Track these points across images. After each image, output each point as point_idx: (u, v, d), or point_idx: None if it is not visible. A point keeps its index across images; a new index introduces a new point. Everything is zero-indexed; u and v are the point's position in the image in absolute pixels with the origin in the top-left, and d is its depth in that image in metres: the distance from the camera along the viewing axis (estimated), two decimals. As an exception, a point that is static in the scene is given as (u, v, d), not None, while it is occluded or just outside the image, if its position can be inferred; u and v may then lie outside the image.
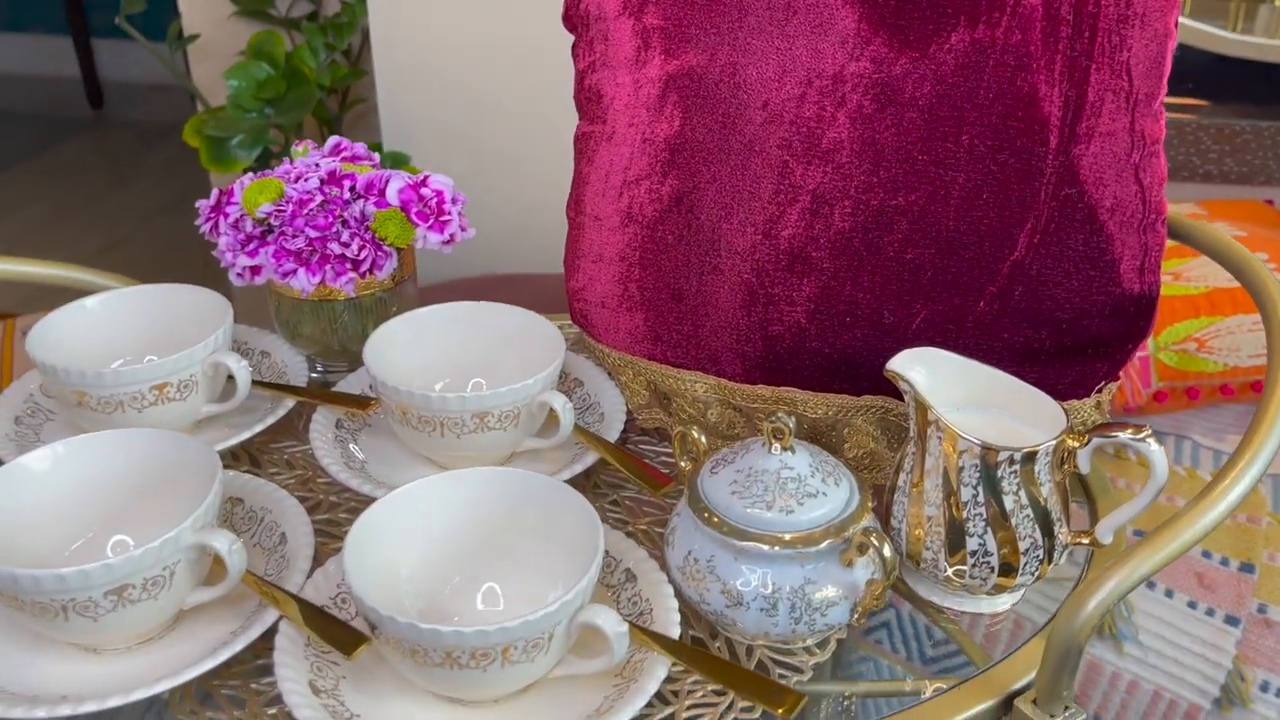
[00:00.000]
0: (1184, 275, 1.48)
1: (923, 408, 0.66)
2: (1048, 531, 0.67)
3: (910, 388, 0.67)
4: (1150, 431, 0.65)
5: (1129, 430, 0.65)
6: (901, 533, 0.70)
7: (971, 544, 0.67)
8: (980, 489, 0.66)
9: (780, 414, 0.66)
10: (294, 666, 0.63)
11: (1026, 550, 0.67)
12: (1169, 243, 1.51)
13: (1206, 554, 1.31)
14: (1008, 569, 0.68)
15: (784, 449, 0.67)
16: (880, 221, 0.70)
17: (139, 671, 0.64)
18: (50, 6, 3.74)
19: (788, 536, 0.64)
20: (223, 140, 1.63)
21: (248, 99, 1.67)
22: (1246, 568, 1.29)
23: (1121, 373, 0.80)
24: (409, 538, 0.66)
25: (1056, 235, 0.69)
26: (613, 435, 0.81)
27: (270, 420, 0.83)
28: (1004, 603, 0.72)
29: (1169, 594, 1.28)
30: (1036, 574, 0.69)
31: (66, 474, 0.70)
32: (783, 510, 0.65)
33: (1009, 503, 0.66)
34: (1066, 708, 0.64)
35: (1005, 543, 0.67)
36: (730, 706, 0.64)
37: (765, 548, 0.64)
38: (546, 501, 0.67)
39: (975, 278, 0.70)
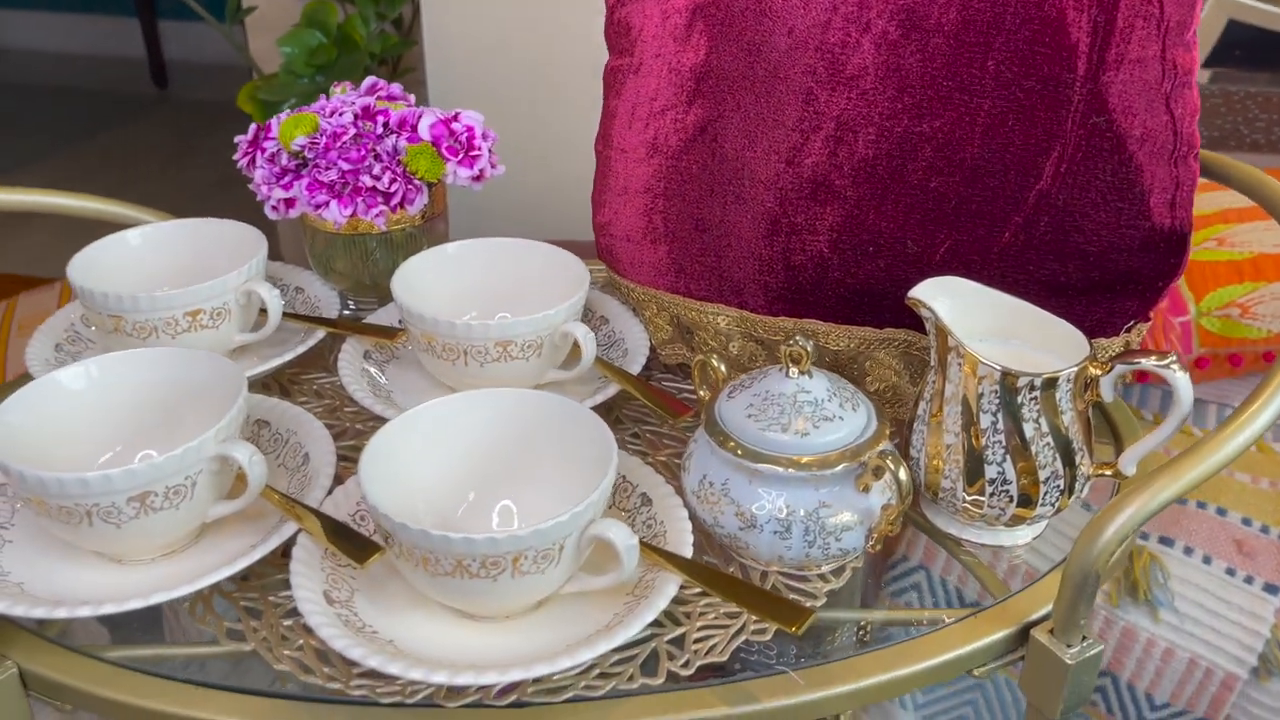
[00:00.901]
0: (1228, 240, 1.44)
1: (943, 333, 0.65)
2: (1068, 461, 0.66)
3: (931, 314, 0.65)
4: (1176, 357, 0.63)
5: (1153, 357, 0.63)
6: (920, 463, 0.68)
7: (990, 472, 0.65)
8: (1000, 416, 0.64)
9: (798, 337, 0.65)
10: (309, 577, 0.63)
11: (1046, 480, 0.65)
12: (1208, 205, 1.47)
13: (1246, 521, 1.28)
14: (1026, 500, 0.66)
15: (801, 373, 0.65)
16: (904, 148, 0.68)
17: (160, 580, 0.65)
18: (121, -13, 3.82)
19: (803, 459, 0.63)
20: (275, 105, 1.64)
21: (300, 65, 1.68)
22: (1287, 536, 1.25)
23: (1152, 312, 0.77)
24: (425, 455, 0.66)
25: (1084, 165, 0.67)
26: (635, 370, 0.80)
27: (301, 349, 0.83)
28: (1023, 536, 0.70)
29: (1207, 560, 1.25)
30: (1056, 506, 0.67)
31: (98, 391, 0.71)
32: (798, 433, 0.64)
33: (1029, 430, 0.64)
34: (1084, 638, 0.62)
35: (1025, 472, 0.65)
36: (741, 629, 0.63)
37: (780, 470, 0.63)
38: (562, 422, 0.66)
39: (1000, 207, 0.69)
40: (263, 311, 0.83)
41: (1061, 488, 0.66)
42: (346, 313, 0.91)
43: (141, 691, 0.60)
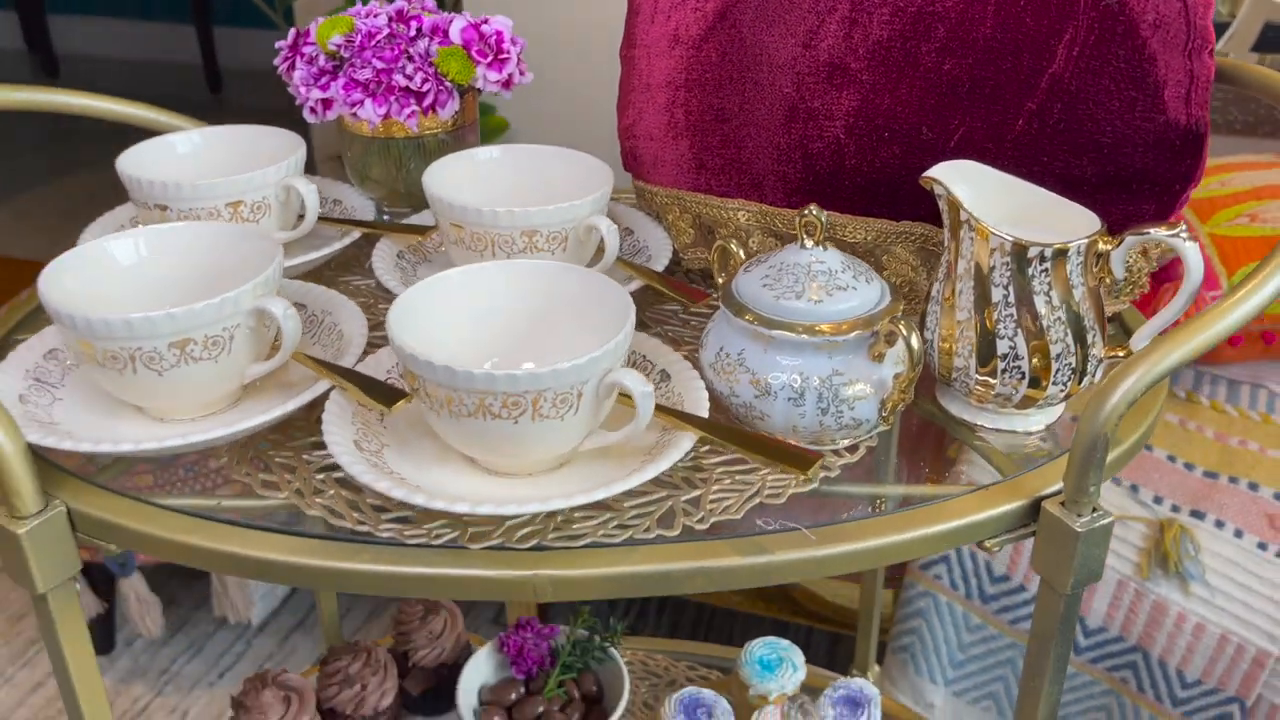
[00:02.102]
0: (1260, 217, 1.47)
1: (955, 208, 0.69)
2: (1080, 339, 0.69)
3: (945, 190, 0.69)
4: (1184, 227, 0.66)
5: (1163, 228, 0.67)
6: (934, 344, 0.72)
7: (1002, 347, 0.69)
8: (1011, 289, 0.68)
9: (813, 207, 0.69)
10: (340, 427, 0.68)
11: (1058, 356, 0.69)
12: (1241, 183, 1.51)
13: (1278, 496, 1.30)
14: (1037, 380, 0.70)
15: (816, 244, 0.70)
16: (918, 29, 0.73)
17: (199, 434, 0.69)
18: (177, -7, 4.01)
19: (817, 326, 0.67)
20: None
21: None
22: (1322, 509, 1.28)
23: (1171, 219, 0.81)
24: (450, 319, 0.70)
25: (1096, 49, 0.71)
26: (658, 269, 0.85)
27: (338, 245, 0.88)
28: (1036, 422, 0.73)
29: (1238, 534, 1.28)
30: (1067, 387, 0.70)
31: (145, 261, 0.76)
32: (812, 301, 0.68)
33: (1040, 304, 0.68)
34: (1093, 509, 0.65)
35: (1037, 351, 0.69)
36: (756, 493, 0.67)
37: (794, 336, 0.67)
38: (581, 289, 0.71)
39: (1013, 91, 0.73)
40: (300, 218, 0.88)
41: (1073, 367, 0.70)
42: (381, 220, 0.97)
43: (184, 529, 0.65)
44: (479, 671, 1.11)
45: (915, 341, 0.66)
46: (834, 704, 1.08)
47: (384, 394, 0.68)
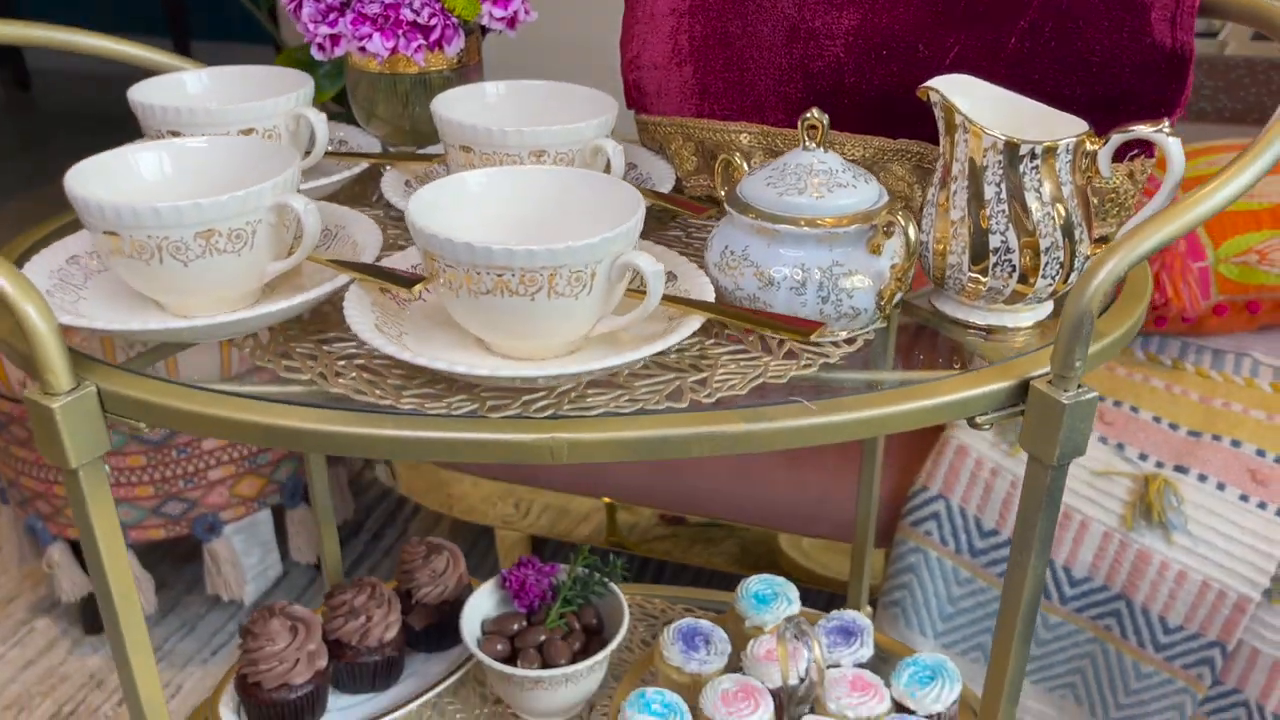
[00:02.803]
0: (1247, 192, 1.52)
1: (950, 112, 0.73)
2: (1068, 235, 0.73)
3: (941, 97, 0.73)
4: (1167, 124, 0.71)
5: (1147, 124, 0.71)
6: (929, 247, 0.76)
7: (994, 242, 0.73)
8: (1003, 186, 0.72)
9: (814, 110, 0.73)
10: (361, 312, 0.71)
11: (1047, 250, 0.73)
12: (1226, 164, 1.56)
13: (1260, 452, 1.35)
14: (1027, 276, 0.74)
15: (817, 145, 0.74)
16: (915, -53, 0.77)
17: (224, 318, 0.73)
18: (152, 9, 4.02)
19: (818, 219, 0.72)
20: (310, 66, 1.75)
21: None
22: (1302, 464, 1.32)
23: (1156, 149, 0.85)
24: (464, 220, 0.73)
25: (1086, -32, 0.76)
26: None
27: (347, 173, 0.92)
28: (1026, 319, 0.77)
29: (1220, 487, 1.32)
30: (1055, 282, 0.75)
31: (168, 173, 0.79)
32: (814, 197, 0.72)
33: (1030, 200, 0.72)
34: (1079, 386, 0.69)
35: (1027, 247, 0.73)
36: (759, 375, 0.71)
37: (796, 229, 0.72)
38: (592, 192, 0.74)
39: (1006, 9, 0.77)
40: (308, 154, 0.92)
41: (1061, 262, 0.74)
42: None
43: (213, 403, 0.68)
44: (481, 606, 1.14)
45: (913, 231, 0.70)
46: (827, 634, 1.12)
47: (403, 281, 0.72)
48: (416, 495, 1.73)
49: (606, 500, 1.60)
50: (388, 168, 0.93)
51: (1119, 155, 0.84)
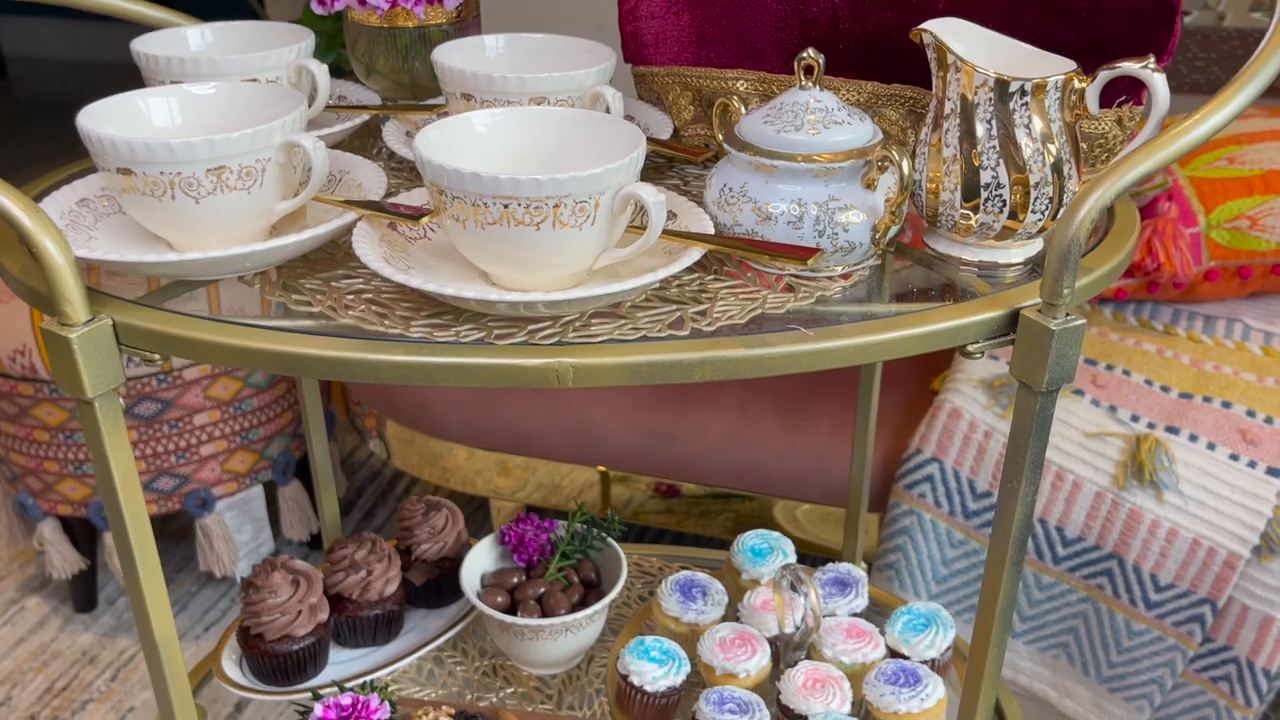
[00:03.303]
0: (1239, 159, 1.57)
1: (943, 52, 0.76)
2: (1057, 171, 0.77)
3: (933, 37, 0.77)
4: (1152, 59, 0.74)
5: (1133, 60, 0.75)
6: (921, 187, 0.80)
7: (985, 177, 0.77)
8: (994, 123, 0.76)
9: (810, 50, 0.77)
10: (369, 246, 0.74)
11: (1037, 185, 0.77)
12: (1224, 135, 1.59)
13: (1250, 413, 1.39)
14: (1016, 212, 0.77)
15: (814, 84, 0.77)
16: (909, -109, 0.81)
17: (235, 250, 0.75)
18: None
19: (815, 155, 0.75)
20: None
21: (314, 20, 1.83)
22: (1291, 424, 1.36)
23: (1144, 95, 0.89)
24: (468, 160, 0.77)
25: (1072, -91, 0.79)
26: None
27: (350, 124, 0.95)
28: (1017, 255, 0.81)
29: (1211, 447, 1.36)
30: (1044, 217, 0.78)
31: (177, 118, 0.82)
32: (811, 134, 0.76)
33: (1020, 135, 0.76)
34: (1067, 314, 0.73)
35: (1018, 183, 0.77)
36: (758, 306, 0.75)
37: (794, 164, 0.75)
38: (593, 131, 0.77)
39: (997, -46, 0.81)
40: (310, 105, 0.95)
41: (1050, 197, 0.77)
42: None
43: (225, 332, 0.71)
44: (480, 561, 1.17)
45: (906, 165, 0.74)
46: (823, 585, 1.15)
47: (410, 216, 0.75)
48: (411, 469, 1.76)
49: (601, 469, 1.63)
50: (389, 119, 0.96)
51: (1107, 101, 0.88)
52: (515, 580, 1.14)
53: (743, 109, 0.81)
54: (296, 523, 1.93)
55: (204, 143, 0.73)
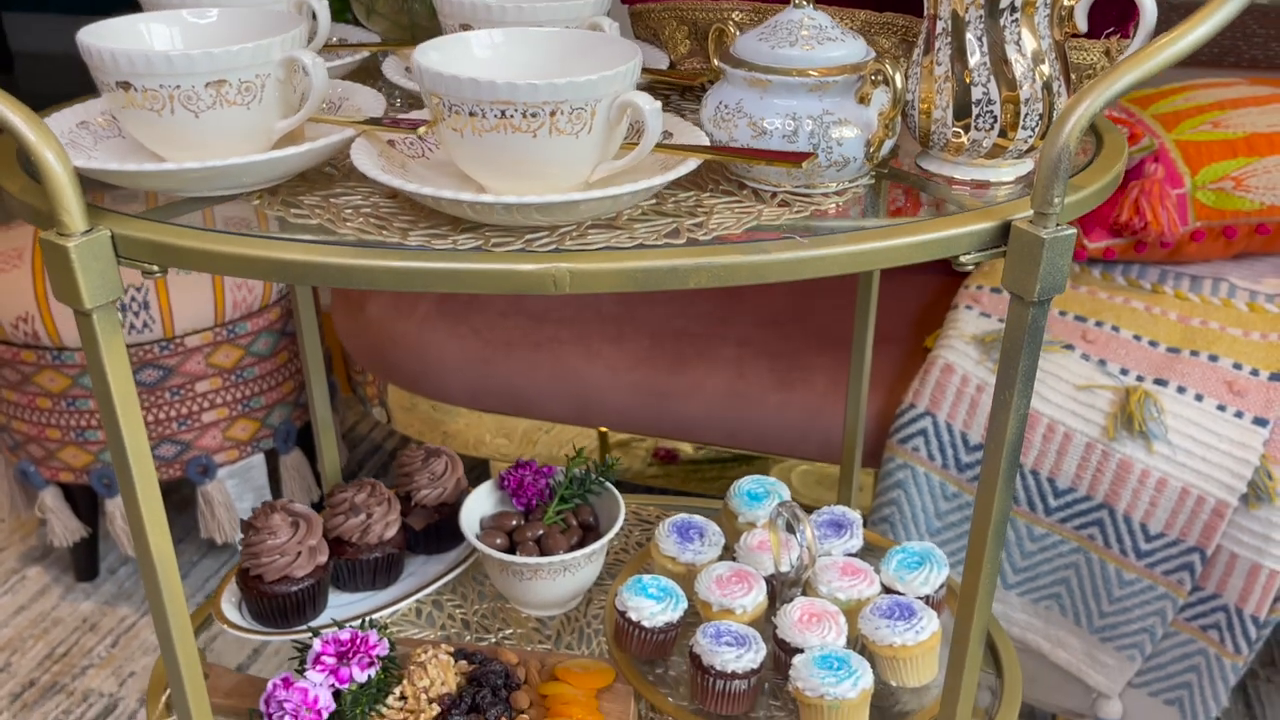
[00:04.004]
0: (1223, 124, 1.57)
1: (934, -33, 0.76)
2: (1047, 87, 0.77)
3: (923, -45, 0.77)
4: (1140, -28, 0.74)
5: (1119, -27, 0.75)
6: (914, 107, 0.80)
7: (976, 94, 0.76)
8: (985, 41, 0.76)
9: (805, -37, 0.76)
10: (367, 157, 0.74)
11: (1027, 101, 0.76)
12: (1206, 98, 1.60)
13: (1237, 365, 1.38)
14: (1006, 130, 0.77)
15: (808, 3, 0.77)
16: None
17: (234, 160, 0.75)
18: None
19: (809, 70, 0.75)
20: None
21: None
22: (1276, 377, 1.36)
23: (1132, 27, 0.88)
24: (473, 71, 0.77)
25: None
26: (657, 81, 0.92)
27: (350, 59, 0.94)
28: (1008, 173, 0.81)
29: (1199, 398, 1.36)
30: (1035, 132, 0.78)
31: (183, 36, 0.82)
32: (805, 49, 0.75)
33: (1011, 52, 0.75)
34: (1058, 224, 0.72)
35: (1009, 99, 0.76)
36: (754, 219, 0.74)
37: (789, 79, 0.75)
38: (592, 47, 0.77)
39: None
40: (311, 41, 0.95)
41: (1041, 114, 0.77)
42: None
43: (225, 241, 0.70)
44: (479, 505, 1.17)
45: (899, 79, 0.73)
46: (818, 527, 1.15)
47: (408, 127, 0.74)
48: (412, 433, 1.76)
49: (601, 430, 1.63)
50: (388, 55, 0.96)
51: (1095, 32, 0.87)
52: (514, 523, 1.14)
53: (736, 33, 0.81)
54: (298, 491, 1.92)
55: (203, 55, 0.72)
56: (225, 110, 0.74)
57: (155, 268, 0.73)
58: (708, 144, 0.77)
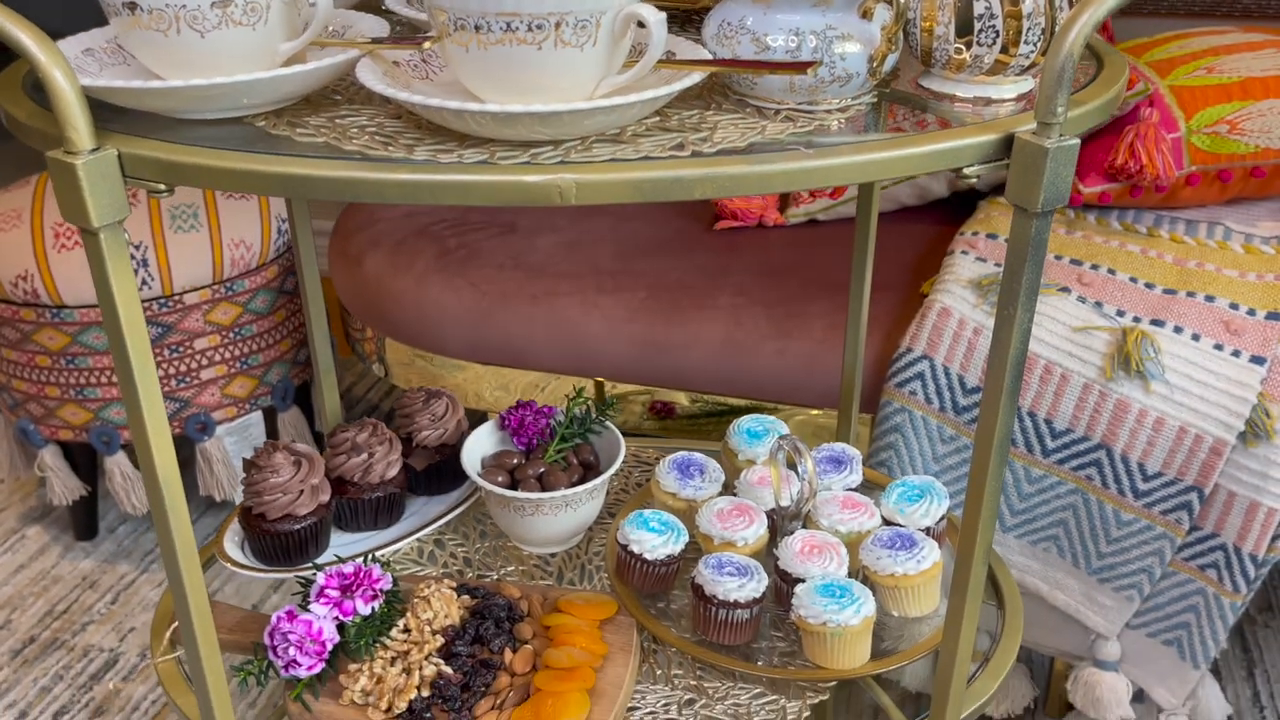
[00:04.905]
0: (1217, 69, 1.57)
1: (935, -117, 0.77)
2: (1050, 2, 0.77)
3: None
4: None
5: (1120, -115, 0.75)
6: (915, 25, 0.80)
7: (978, 9, 0.77)
8: (986, -46, 0.76)
9: (807, -114, 0.77)
10: (373, 75, 0.74)
11: (1029, 15, 0.77)
12: (1199, 45, 1.60)
13: (1234, 305, 1.39)
14: (1008, 47, 0.77)
15: (810, -82, 0.77)
16: None
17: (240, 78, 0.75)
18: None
19: (812, -16, 0.75)
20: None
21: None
22: (1273, 316, 1.37)
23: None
24: None
25: None
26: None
27: (348, -9, 0.95)
28: (1009, 90, 0.81)
29: (1195, 337, 1.37)
30: (1035, 52, 0.78)
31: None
32: (807, -36, 0.76)
33: (1012, -34, 0.76)
34: (1061, 135, 0.73)
35: (1011, 16, 0.77)
36: (758, 133, 0.75)
37: (792, -7, 0.75)
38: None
39: None
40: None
41: (1042, 29, 0.78)
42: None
43: (232, 158, 0.71)
44: (480, 444, 1.18)
45: (901, -8, 0.74)
46: (818, 463, 1.15)
47: (412, 44, 0.75)
48: (410, 387, 1.76)
49: (599, 381, 1.63)
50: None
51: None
52: (515, 462, 1.15)
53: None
54: (295, 449, 1.93)
55: (206, -28, 0.72)
56: (230, 31, 0.75)
57: (162, 186, 0.73)
58: (706, 51, 0.78)
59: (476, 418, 2.00)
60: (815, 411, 1.59)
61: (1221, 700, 1.45)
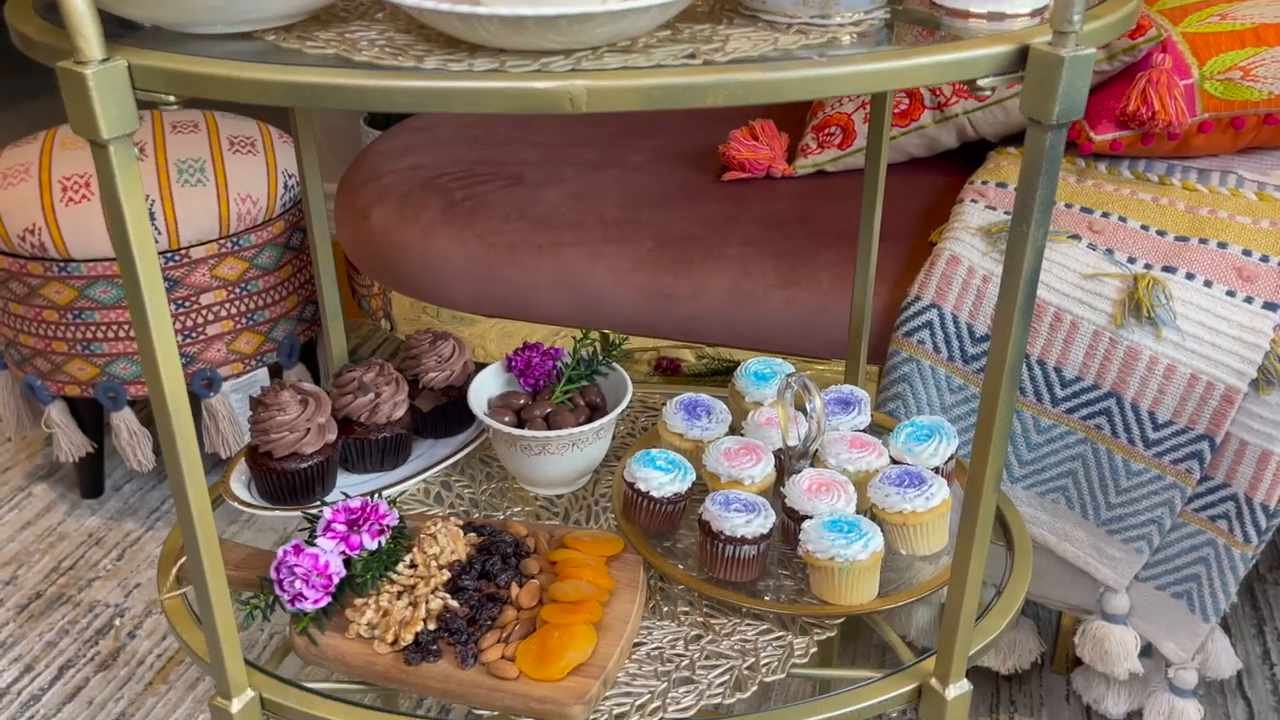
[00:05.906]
0: (1230, 15, 1.56)
1: None
2: (1064, -85, 0.77)
3: None
4: None
5: None
6: (930, -59, 0.80)
7: (993, -79, 0.77)
8: None
9: None
10: (379, -11, 0.74)
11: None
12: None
13: (1246, 252, 1.39)
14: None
15: None
16: None
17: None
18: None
19: (824, -104, 0.74)
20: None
21: None
22: (1286, 264, 1.36)
23: None
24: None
25: None
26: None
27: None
28: (1024, 5, 0.80)
29: (1208, 284, 1.36)
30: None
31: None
32: (820, -125, 0.75)
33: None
34: (1076, 44, 0.72)
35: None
36: (772, 45, 0.74)
37: (803, -94, 0.74)
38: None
39: None
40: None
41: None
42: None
43: (242, 68, 0.70)
44: (487, 385, 1.17)
45: (914, -97, 0.73)
46: (826, 404, 1.15)
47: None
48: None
49: (604, 333, 1.63)
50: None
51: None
52: (522, 403, 1.14)
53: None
54: (301, 407, 1.93)
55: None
56: (234, -56, 0.74)
57: (171, 98, 0.73)
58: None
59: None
60: (821, 366, 1.59)
61: (1231, 654, 1.45)
